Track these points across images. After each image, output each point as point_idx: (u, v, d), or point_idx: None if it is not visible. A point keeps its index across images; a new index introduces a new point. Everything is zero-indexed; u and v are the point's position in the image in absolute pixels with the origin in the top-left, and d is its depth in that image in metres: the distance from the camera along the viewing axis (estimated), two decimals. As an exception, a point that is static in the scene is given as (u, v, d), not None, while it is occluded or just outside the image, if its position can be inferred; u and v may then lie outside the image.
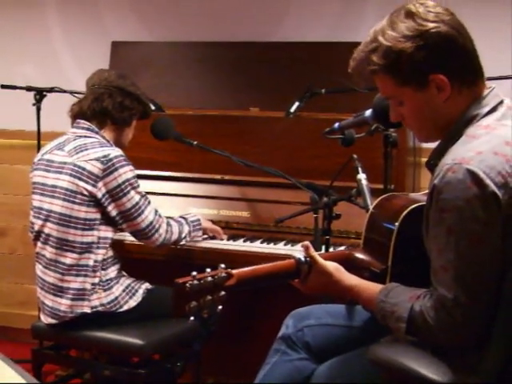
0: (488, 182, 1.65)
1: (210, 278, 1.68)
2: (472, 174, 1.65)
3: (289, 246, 3.04)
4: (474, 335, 1.69)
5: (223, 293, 1.72)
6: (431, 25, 1.77)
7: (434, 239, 1.73)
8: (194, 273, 1.67)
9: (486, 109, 1.80)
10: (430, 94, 1.81)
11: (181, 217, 3.08)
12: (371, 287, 1.89)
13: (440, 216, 1.70)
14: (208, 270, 1.72)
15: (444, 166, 1.70)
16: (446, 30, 1.77)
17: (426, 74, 1.78)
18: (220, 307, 1.72)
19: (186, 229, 3.02)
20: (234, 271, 1.77)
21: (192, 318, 1.66)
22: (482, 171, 1.66)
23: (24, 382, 1.13)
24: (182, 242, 3.03)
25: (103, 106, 2.90)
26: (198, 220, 3.10)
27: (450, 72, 1.78)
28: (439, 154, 1.82)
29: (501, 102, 1.82)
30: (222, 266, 1.75)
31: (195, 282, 1.65)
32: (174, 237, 2.96)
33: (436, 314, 1.69)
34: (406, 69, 1.79)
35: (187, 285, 1.63)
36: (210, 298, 1.68)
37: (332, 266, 1.93)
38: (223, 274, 1.73)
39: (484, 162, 1.67)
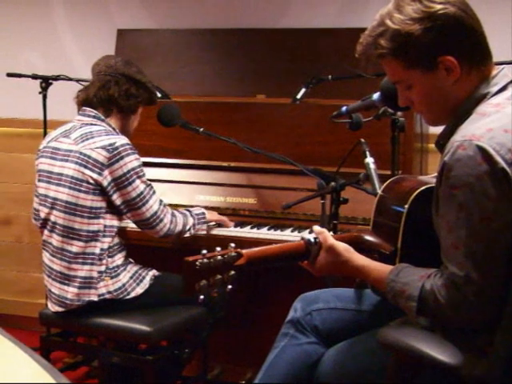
0: (498, 158, 1.64)
1: (219, 257, 1.67)
2: (482, 151, 1.64)
3: (296, 233, 3.04)
4: (485, 314, 1.68)
5: (233, 272, 1.70)
6: (438, 6, 1.75)
7: (445, 216, 1.71)
8: (204, 251, 1.65)
9: (496, 87, 1.79)
10: (438, 76, 1.79)
11: (185, 209, 3.06)
12: (381, 267, 1.88)
13: (450, 193, 1.68)
14: (218, 248, 1.71)
15: (454, 143, 1.69)
16: (454, 11, 1.76)
17: (435, 56, 1.77)
18: (230, 287, 1.71)
19: (190, 221, 3.00)
20: (244, 251, 1.75)
21: (202, 297, 1.65)
22: (492, 148, 1.65)
23: (41, 367, 1.12)
24: (186, 234, 3.01)
25: (109, 94, 2.89)
26: (203, 213, 3.08)
27: (458, 53, 1.77)
28: (449, 133, 1.81)
29: (510, 82, 1.81)
30: (232, 245, 1.74)
31: (205, 260, 1.64)
32: (179, 228, 2.94)
33: (447, 292, 1.68)
34: (414, 51, 1.78)
35: (197, 263, 1.62)
36: (219, 277, 1.67)
37: (342, 246, 1.92)
38: (233, 254, 1.71)
39: (494, 138, 1.66)
